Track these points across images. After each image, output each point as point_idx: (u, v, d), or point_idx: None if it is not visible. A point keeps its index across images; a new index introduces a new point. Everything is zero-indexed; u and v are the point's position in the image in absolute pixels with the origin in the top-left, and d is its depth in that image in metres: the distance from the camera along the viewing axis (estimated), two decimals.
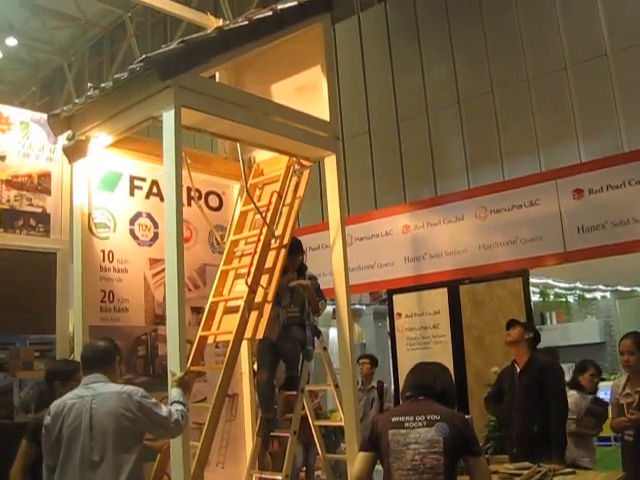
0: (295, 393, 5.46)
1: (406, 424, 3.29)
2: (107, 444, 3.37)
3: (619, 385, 4.95)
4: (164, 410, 3.53)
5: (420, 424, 3.27)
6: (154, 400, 3.55)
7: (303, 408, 5.71)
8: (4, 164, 6.47)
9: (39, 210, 6.67)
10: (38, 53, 19.61)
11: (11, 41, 18.22)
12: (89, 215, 5.12)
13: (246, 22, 4.87)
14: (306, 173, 5.46)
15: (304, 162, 5.41)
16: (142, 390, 3.56)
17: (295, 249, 5.51)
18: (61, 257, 6.69)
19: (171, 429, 3.60)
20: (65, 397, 3.61)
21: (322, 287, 5.67)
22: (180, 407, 3.66)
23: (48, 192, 6.75)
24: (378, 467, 3.47)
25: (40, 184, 6.68)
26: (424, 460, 3.20)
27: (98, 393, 3.48)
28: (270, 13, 5.02)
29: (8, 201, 6.48)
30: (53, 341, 6.57)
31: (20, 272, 6.48)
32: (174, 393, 3.86)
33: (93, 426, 3.39)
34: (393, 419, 3.35)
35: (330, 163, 5.37)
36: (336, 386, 5.62)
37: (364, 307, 13.44)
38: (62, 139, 5.19)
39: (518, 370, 5.27)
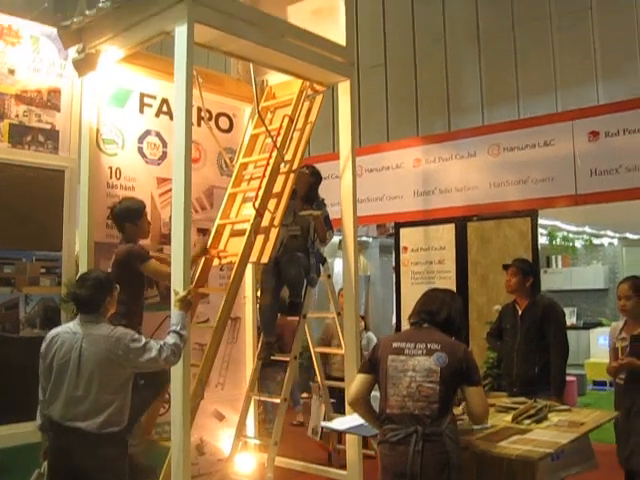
0: (297, 318, 5.51)
1: (406, 351, 3.29)
2: (92, 384, 3.49)
3: (617, 329, 4.93)
4: (153, 351, 3.57)
5: (420, 352, 3.27)
6: (143, 342, 3.58)
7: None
8: (13, 78, 6.37)
9: (48, 126, 6.60)
10: None
11: None
12: (97, 130, 5.08)
13: None
14: (319, 98, 5.39)
15: (317, 87, 5.33)
16: (131, 333, 3.60)
17: (315, 180, 5.57)
18: (69, 175, 6.65)
19: (161, 367, 3.71)
20: (60, 328, 3.72)
21: (330, 217, 5.66)
22: (173, 340, 3.69)
23: (58, 109, 6.67)
24: (375, 393, 3.50)
25: (50, 100, 6.60)
26: (420, 388, 3.22)
27: (89, 333, 3.57)
28: None
29: (17, 116, 6.41)
30: (59, 258, 6.60)
31: (28, 188, 6.45)
32: (174, 318, 3.89)
33: (81, 365, 3.51)
34: (394, 344, 3.35)
35: (344, 89, 5.28)
36: (338, 314, 5.66)
37: (371, 240, 13.41)
38: (72, 52, 5.10)
39: (520, 312, 5.25)
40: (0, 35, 6.02)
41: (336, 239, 8.38)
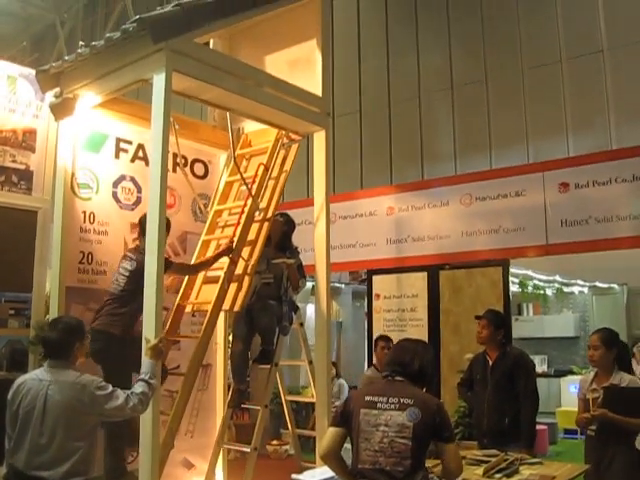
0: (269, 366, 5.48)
1: (378, 405, 3.27)
2: (57, 431, 3.42)
3: (587, 380, 4.91)
4: (120, 399, 3.52)
5: (392, 407, 3.24)
6: (109, 390, 3.53)
7: None
8: None
9: (22, 167, 6.58)
10: (31, 7, 19.20)
11: None
12: (72, 175, 5.06)
13: None
14: (294, 147, 5.43)
15: (293, 136, 5.38)
16: (98, 380, 3.55)
17: (288, 228, 5.59)
18: (42, 216, 6.62)
19: (128, 415, 3.64)
20: (28, 376, 3.67)
21: (303, 263, 5.67)
22: (141, 389, 3.64)
23: (32, 149, 6.66)
24: (347, 445, 3.47)
25: (25, 141, 6.59)
26: (392, 444, 3.19)
27: (55, 380, 3.50)
28: None
29: None
30: (29, 300, 6.52)
31: None
32: (144, 366, 3.84)
33: (46, 412, 3.44)
34: (366, 398, 3.32)
35: (319, 139, 5.34)
36: (310, 362, 5.64)
37: (343, 286, 13.42)
38: (49, 96, 5.11)
39: (490, 363, 5.26)
40: None
41: (309, 285, 8.38)
